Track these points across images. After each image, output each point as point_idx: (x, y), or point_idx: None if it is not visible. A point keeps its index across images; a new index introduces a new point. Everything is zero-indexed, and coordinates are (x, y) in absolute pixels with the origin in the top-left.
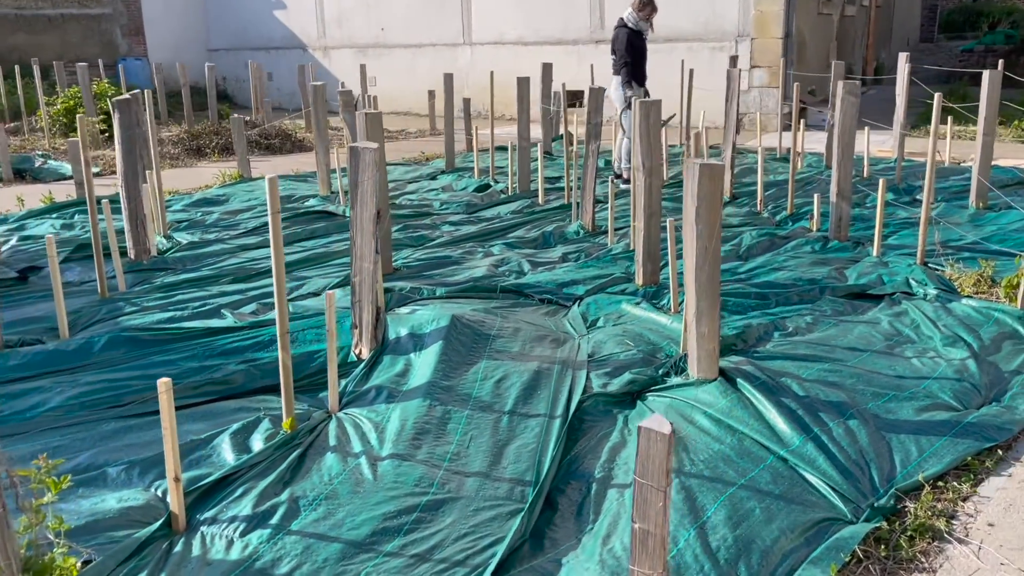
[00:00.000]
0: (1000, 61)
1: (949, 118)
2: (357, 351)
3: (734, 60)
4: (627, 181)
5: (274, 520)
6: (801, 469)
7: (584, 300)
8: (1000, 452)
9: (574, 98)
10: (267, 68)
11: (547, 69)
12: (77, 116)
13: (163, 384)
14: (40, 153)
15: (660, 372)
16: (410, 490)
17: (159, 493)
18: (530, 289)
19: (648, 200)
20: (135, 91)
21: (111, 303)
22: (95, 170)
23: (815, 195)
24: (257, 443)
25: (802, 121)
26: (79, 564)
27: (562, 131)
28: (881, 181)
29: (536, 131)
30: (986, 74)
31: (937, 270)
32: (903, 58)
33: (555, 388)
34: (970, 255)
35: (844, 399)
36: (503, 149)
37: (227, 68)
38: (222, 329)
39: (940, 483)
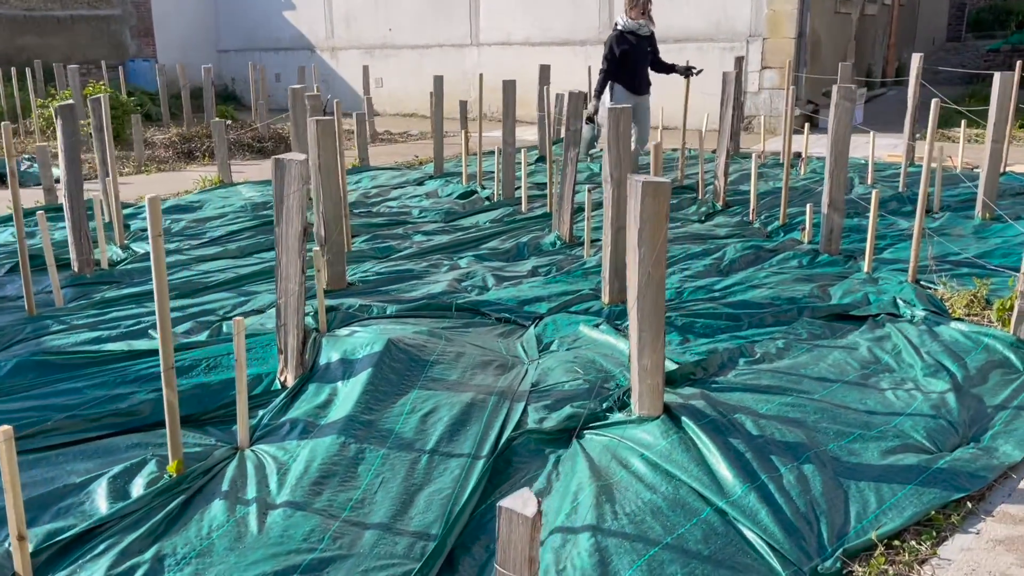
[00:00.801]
0: (1018, 63)
1: (963, 122)
2: (283, 378)
3: (739, 61)
4: None
5: None
6: (740, 524)
7: (544, 319)
8: (970, 504)
9: (583, 100)
10: (276, 69)
11: (544, 71)
12: (1, 124)
13: (2, 433)
14: (27, 156)
15: (604, 406)
16: (296, 546)
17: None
18: (488, 307)
19: (616, 212)
20: (114, 94)
21: (38, 321)
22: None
23: (807, 205)
24: (137, 488)
25: (807, 124)
26: None
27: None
28: (874, 193)
29: (532, 135)
30: (997, 76)
31: (929, 288)
32: (916, 59)
33: (487, 423)
34: (969, 271)
35: (803, 439)
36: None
37: (237, 69)
38: (142, 352)
39: (897, 541)
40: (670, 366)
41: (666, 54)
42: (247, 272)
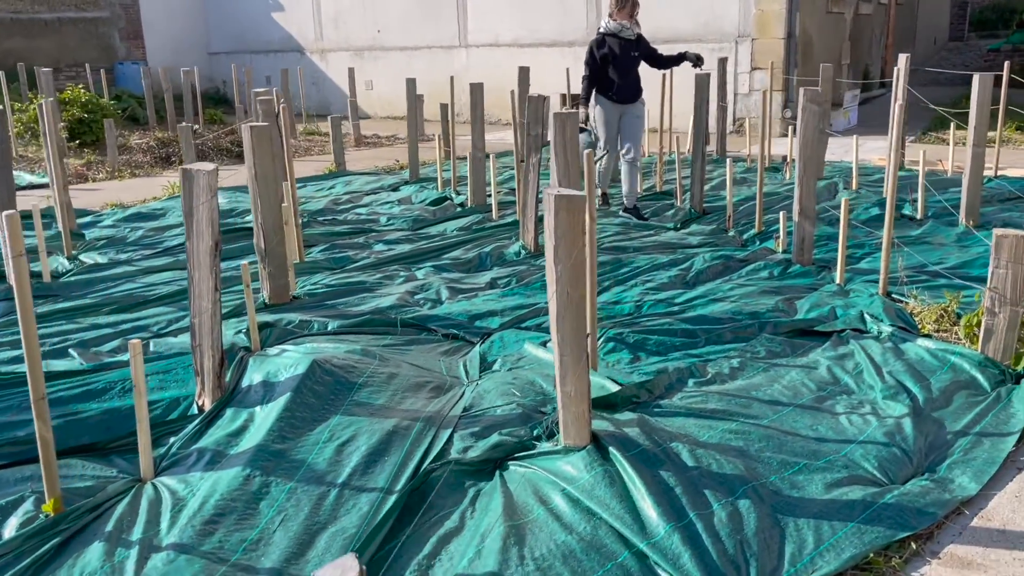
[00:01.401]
0: (1006, 63)
1: (952, 124)
2: (200, 402)
3: (723, 62)
4: (643, 217)
5: None
6: (660, 568)
7: (493, 336)
8: (915, 544)
9: (572, 102)
10: (266, 71)
11: (524, 73)
12: None
13: None
14: None
15: (535, 433)
16: None
17: None
18: (437, 322)
19: None
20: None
21: None
22: (43, 180)
23: (782, 213)
24: (10, 530)
25: (791, 127)
26: None
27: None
28: (843, 201)
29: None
30: (976, 78)
31: (900, 302)
32: (903, 60)
33: (407, 453)
34: (947, 283)
35: (742, 471)
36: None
37: (227, 71)
38: (56, 374)
39: None
40: (611, 388)
41: None
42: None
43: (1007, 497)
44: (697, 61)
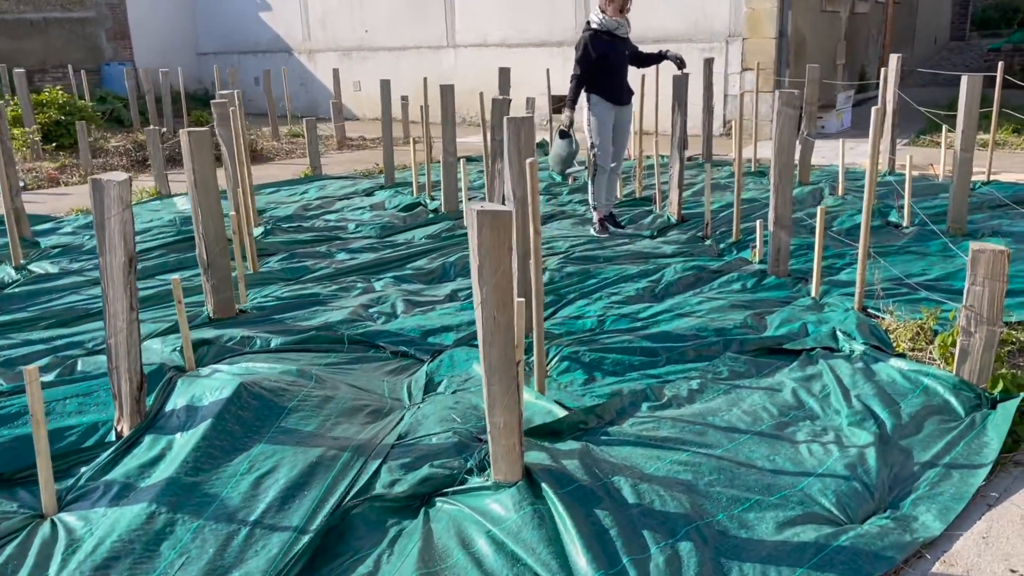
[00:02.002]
0: (999, 64)
1: (944, 128)
2: (119, 428)
3: (709, 63)
4: (619, 225)
5: None
6: None
7: (443, 354)
8: None
9: (559, 103)
10: (255, 72)
11: (504, 74)
12: None
13: None
14: None
15: (469, 465)
16: None
17: None
18: (387, 338)
19: (522, 236)
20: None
21: None
22: (21, 184)
23: (758, 221)
24: None
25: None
26: None
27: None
28: (819, 210)
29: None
30: (964, 80)
31: (876, 317)
32: (893, 60)
33: (329, 487)
34: (927, 295)
35: (687, 509)
36: (471, 160)
37: (215, 72)
38: None
39: None
40: (558, 413)
41: None
42: (143, 295)
43: (973, 539)
44: (678, 62)
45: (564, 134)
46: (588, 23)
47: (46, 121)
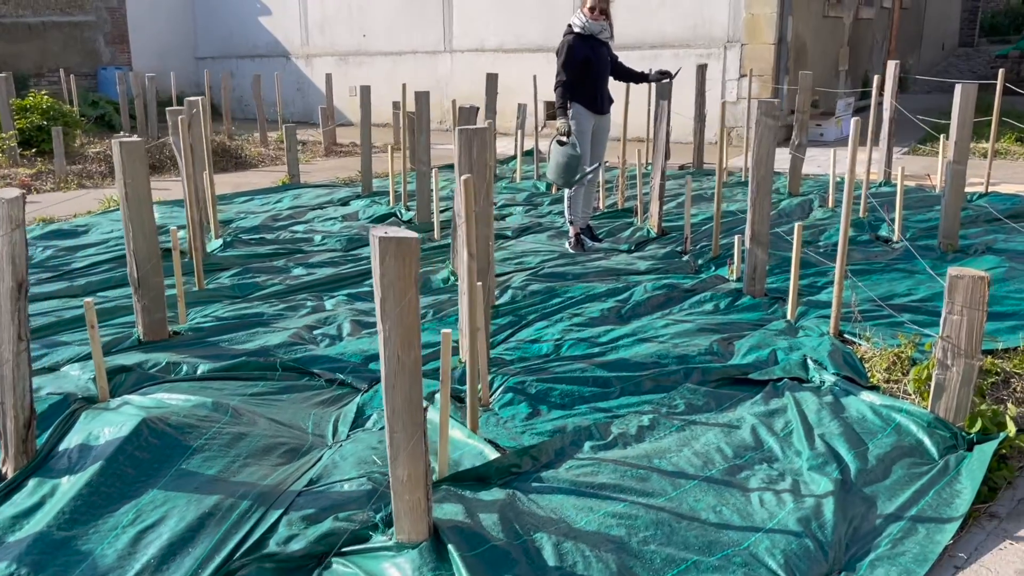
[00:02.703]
0: (1000, 72)
1: (942, 136)
2: (3, 469)
3: (703, 69)
4: (596, 238)
5: None
6: None
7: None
8: None
9: (547, 110)
10: (253, 77)
11: (492, 80)
12: None
13: None
14: None
15: (378, 518)
16: None
17: None
18: (326, 364)
19: (476, 253)
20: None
21: None
22: None
23: (736, 237)
24: None
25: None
26: None
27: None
28: (796, 226)
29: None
30: (957, 89)
31: (852, 343)
32: (891, 67)
33: (218, 542)
34: (911, 318)
35: (614, 572)
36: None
37: (214, 77)
38: None
39: None
40: (490, 455)
41: (640, 61)
42: (72, 316)
43: None
44: (661, 79)
45: (562, 142)
46: (570, 26)
47: (28, 126)
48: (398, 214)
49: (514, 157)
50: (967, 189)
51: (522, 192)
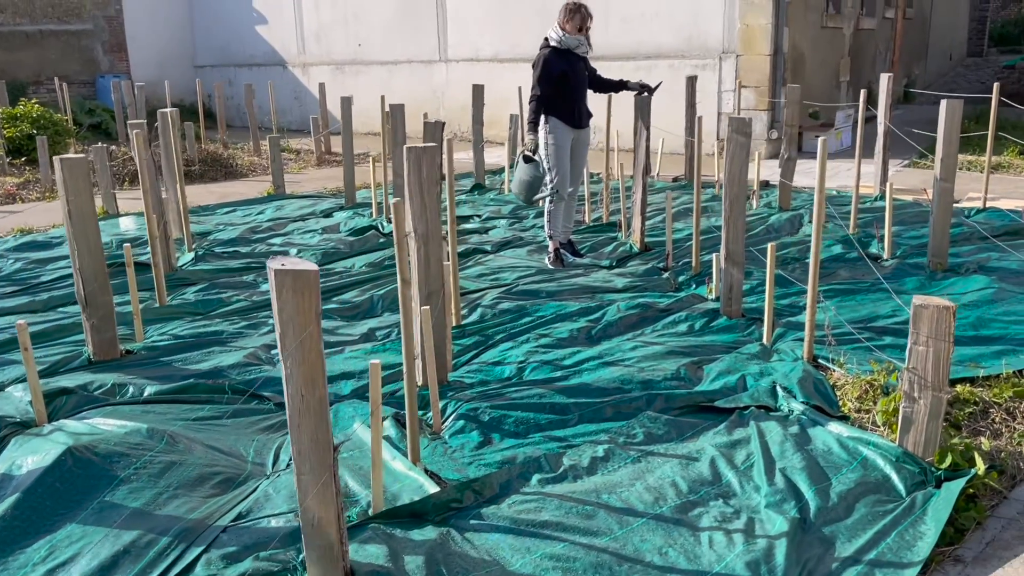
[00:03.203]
0: (995, 84)
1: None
2: None
3: (692, 81)
4: (578, 253)
5: None
6: None
7: (332, 407)
8: None
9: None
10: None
11: (478, 91)
12: None
13: None
14: None
15: (300, 559)
16: None
17: None
18: (276, 387)
19: (426, 274)
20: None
21: None
22: None
23: (714, 255)
24: None
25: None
26: None
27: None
28: (770, 247)
29: (499, 158)
30: (943, 105)
31: (826, 369)
32: (884, 80)
33: None
34: (892, 341)
35: None
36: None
37: (213, 86)
38: None
39: None
40: (429, 489)
41: (635, 72)
42: (30, 332)
43: None
44: (642, 90)
45: (528, 158)
46: (546, 40)
47: (17, 135)
48: (379, 227)
49: (505, 168)
50: (965, 204)
51: (509, 205)
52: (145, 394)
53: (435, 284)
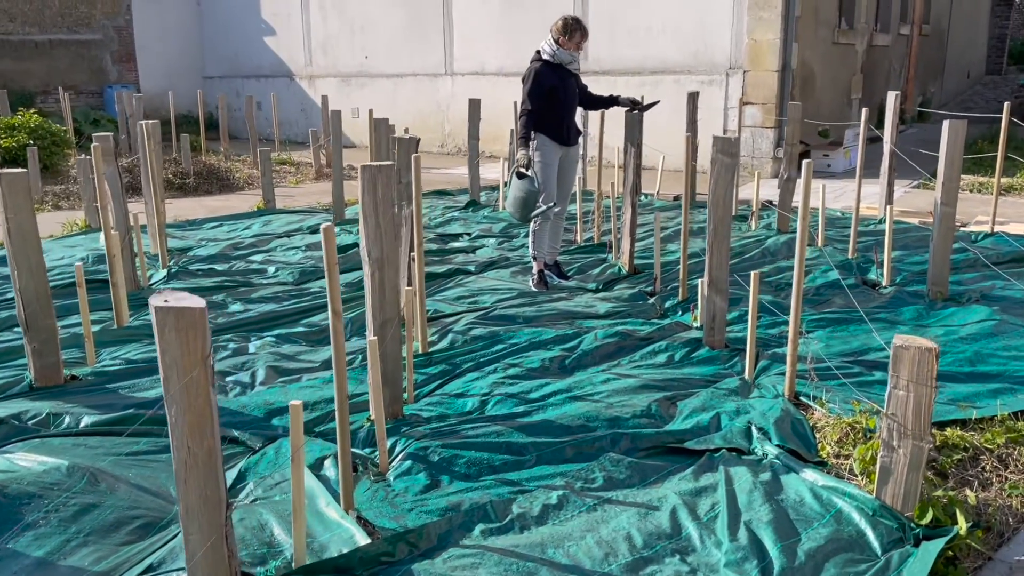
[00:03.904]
0: (1005, 104)
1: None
2: None
3: (694, 97)
4: (564, 275)
5: None
6: None
7: (276, 443)
8: None
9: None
10: (257, 97)
11: (475, 106)
12: None
13: None
14: None
15: None
16: None
17: None
18: (225, 418)
19: (380, 302)
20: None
21: None
22: None
23: (700, 281)
24: None
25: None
26: None
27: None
28: (753, 275)
29: (495, 173)
30: (945, 126)
31: (808, 408)
32: (891, 98)
33: None
34: (882, 376)
35: None
36: (445, 194)
37: (214, 97)
38: None
39: None
40: (360, 541)
41: (640, 87)
42: None
43: None
44: (634, 106)
45: (521, 175)
46: (538, 52)
47: (14, 145)
48: None
49: (501, 184)
50: (973, 228)
51: (501, 223)
52: (81, 425)
53: (390, 312)
